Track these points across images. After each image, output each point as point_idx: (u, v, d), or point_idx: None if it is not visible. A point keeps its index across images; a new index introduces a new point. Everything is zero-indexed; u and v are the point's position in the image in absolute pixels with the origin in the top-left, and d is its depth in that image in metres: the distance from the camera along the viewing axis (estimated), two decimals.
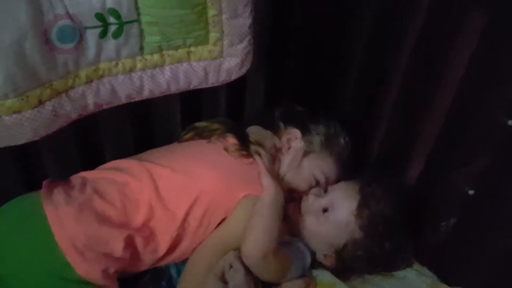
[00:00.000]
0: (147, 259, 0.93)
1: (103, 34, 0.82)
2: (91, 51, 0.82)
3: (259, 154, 1.01)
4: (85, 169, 0.98)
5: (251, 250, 0.91)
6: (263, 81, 1.13)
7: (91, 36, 0.81)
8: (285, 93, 1.14)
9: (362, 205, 0.99)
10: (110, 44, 0.84)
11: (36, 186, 0.91)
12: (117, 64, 0.87)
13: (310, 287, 0.99)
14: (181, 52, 0.91)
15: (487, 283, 0.94)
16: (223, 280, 0.90)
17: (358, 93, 1.10)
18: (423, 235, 1.06)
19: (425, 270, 1.04)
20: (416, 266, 1.05)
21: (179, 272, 0.98)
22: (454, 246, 1.01)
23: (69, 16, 0.78)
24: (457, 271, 1.01)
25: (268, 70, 1.11)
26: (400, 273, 1.03)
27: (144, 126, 1.07)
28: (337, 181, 1.07)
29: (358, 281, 1.02)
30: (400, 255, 1.03)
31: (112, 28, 0.82)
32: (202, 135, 1.05)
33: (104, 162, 1.00)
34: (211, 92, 1.04)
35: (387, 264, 1.03)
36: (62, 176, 0.95)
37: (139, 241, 0.90)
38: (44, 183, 0.91)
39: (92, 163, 1.00)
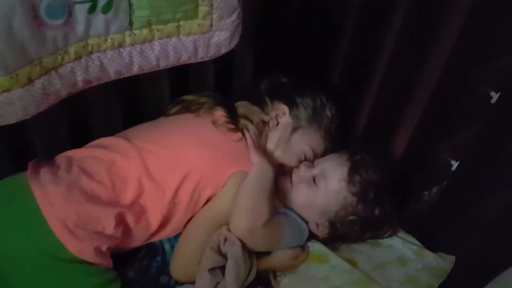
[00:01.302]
0: (140, 236, 0.93)
1: (92, 9, 0.79)
2: (80, 26, 0.80)
3: (248, 130, 1.01)
4: (74, 148, 0.96)
5: (237, 228, 0.92)
6: (251, 56, 1.12)
7: (80, 11, 0.78)
8: (273, 69, 1.13)
9: (353, 172, 1.01)
10: (99, 19, 0.81)
11: (25, 166, 0.89)
12: (106, 39, 0.84)
13: (300, 256, 1.01)
14: (170, 26, 0.89)
15: (470, 249, 0.99)
16: (220, 253, 0.91)
17: (347, 67, 1.10)
18: (408, 204, 1.10)
19: (410, 238, 1.08)
20: (402, 234, 1.09)
21: (172, 247, 0.99)
22: (438, 215, 1.05)
23: None
24: (441, 239, 1.05)
25: (256, 45, 1.10)
26: (386, 241, 1.07)
27: (133, 103, 1.06)
28: (325, 154, 1.09)
29: (346, 250, 1.05)
30: (388, 221, 1.06)
31: (101, 2, 0.79)
32: (190, 108, 1.04)
33: (93, 140, 0.98)
34: (199, 68, 1.03)
35: (376, 230, 1.06)
36: (51, 155, 0.94)
37: (130, 218, 0.90)
38: (30, 164, 0.90)
39: (81, 142, 0.98)
